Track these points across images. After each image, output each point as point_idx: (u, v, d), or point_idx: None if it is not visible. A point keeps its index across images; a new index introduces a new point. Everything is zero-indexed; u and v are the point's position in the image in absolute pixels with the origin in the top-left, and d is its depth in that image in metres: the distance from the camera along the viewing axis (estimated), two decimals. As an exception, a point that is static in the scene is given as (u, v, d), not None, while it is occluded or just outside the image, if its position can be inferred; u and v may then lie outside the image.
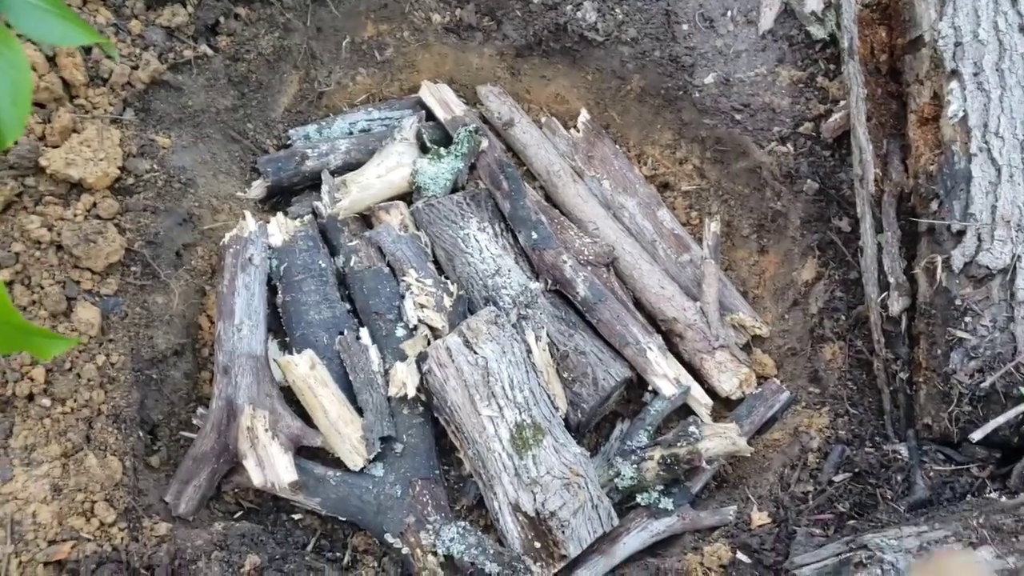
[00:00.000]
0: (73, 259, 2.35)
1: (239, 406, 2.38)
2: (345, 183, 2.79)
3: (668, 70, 2.93)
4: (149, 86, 2.62)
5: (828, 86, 2.81)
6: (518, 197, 2.76)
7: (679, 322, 2.72)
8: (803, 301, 2.73)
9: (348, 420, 2.42)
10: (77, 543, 2.11)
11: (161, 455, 2.42)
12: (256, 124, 2.94)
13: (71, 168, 2.38)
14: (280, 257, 2.64)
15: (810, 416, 2.52)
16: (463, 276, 2.71)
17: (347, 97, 3.13)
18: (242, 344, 2.45)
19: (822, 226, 2.72)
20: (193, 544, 2.20)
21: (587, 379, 2.51)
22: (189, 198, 2.63)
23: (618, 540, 2.43)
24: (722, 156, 2.93)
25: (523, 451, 2.32)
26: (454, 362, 2.40)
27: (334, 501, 2.39)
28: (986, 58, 2.44)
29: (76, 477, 2.18)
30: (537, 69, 3.13)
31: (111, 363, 2.34)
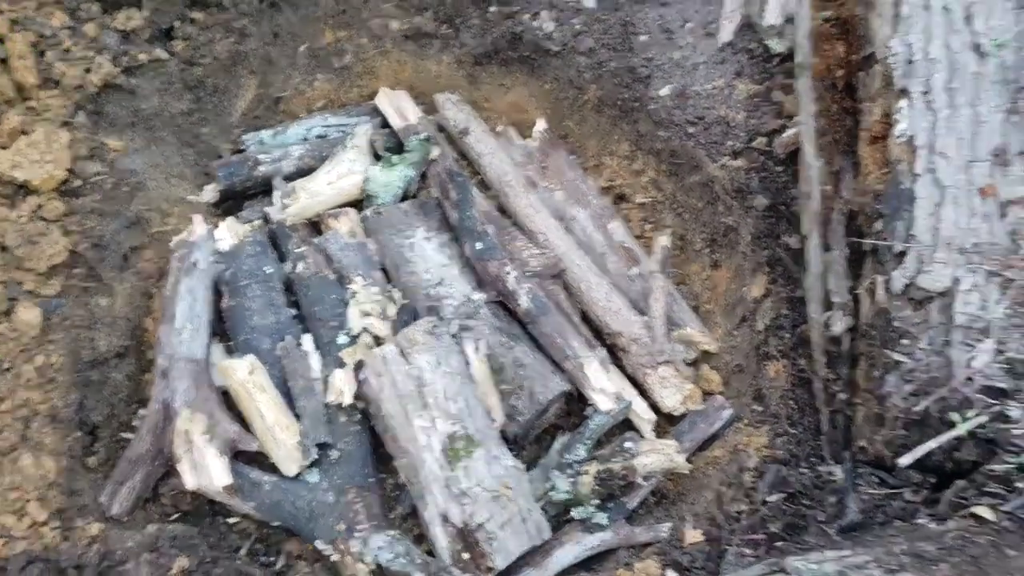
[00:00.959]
0: (16, 260, 2.38)
1: (175, 409, 2.40)
2: (295, 189, 2.80)
3: (624, 81, 2.92)
4: (102, 89, 2.65)
5: (784, 100, 2.79)
6: (465, 207, 2.76)
7: (624, 336, 2.71)
8: (751, 318, 2.71)
9: (285, 426, 2.43)
10: (8, 541, 2.14)
11: (100, 456, 2.44)
12: (212, 128, 2.96)
13: (16, 170, 2.41)
14: (227, 262, 2.66)
15: (749, 434, 2.50)
16: (408, 285, 2.71)
17: (305, 103, 3.14)
18: (182, 348, 2.47)
19: (772, 242, 2.70)
20: (124, 545, 2.22)
21: (524, 392, 2.51)
22: (138, 201, 2.65)
23: (551, 554, 2.41)
24: (676, 169, 2.92)
25: (454, 462, 2.32)
26: (390, 371, 2.41)
27: (268, 506, 2.40)
28: (936, 77, 2.41)
29: (10, 476, 2.21)
30: (495, 77, 3.13)
31: (50, 364, 2.37)
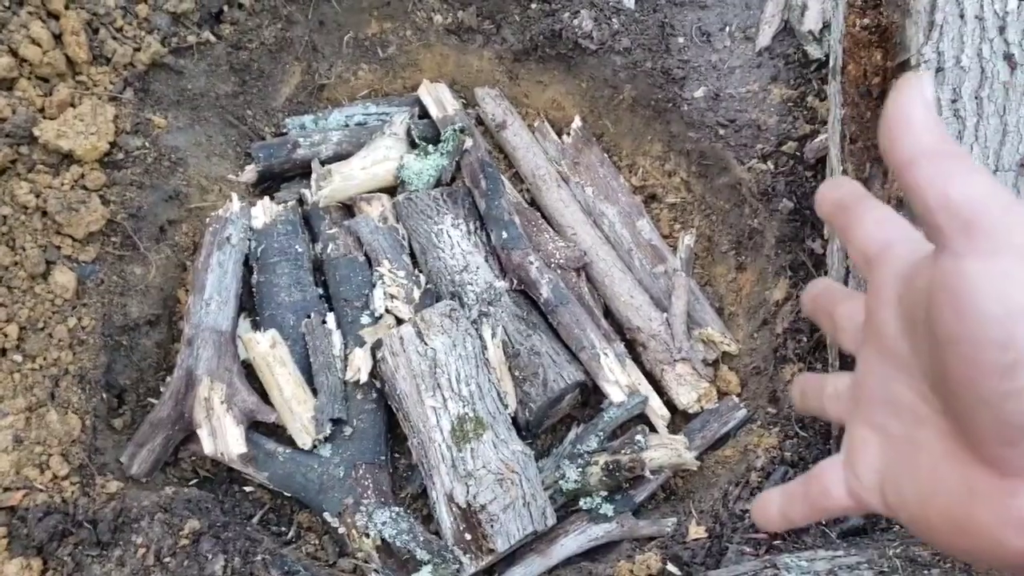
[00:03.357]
0: (56, 225, 2.48)
1: (198, 377, 2.47)
2: (330, 172, 2.87)
3: (658, 81, 2.94)
4: (150, 68, 2.75)
5: (818, 106, 2.78)
6: (494, 196, 2.80)
7: (643, 332, 2.72)
8: (772, 321, 2.70)
9: (302, 400, 2.49)
10: (29, 492, 2.23)
11: (125, 419, 2.52)
12: (256, 111, 3.05)
13: (62, 140, 2.51)
14: (259, 239, 2.74)
15: (760, 435, 2.49)
16: (433, 270, 2.76)
17: (349, 91, 3.22)
18: (208, 318, 2.55)
19: (796, 246, 2.68)
20: (139, 504, 2.29)
21: (537, 379, 2.53)
22: (178, 177, 2.75)
23: (556, 541, 2.44)
24: (706, 170, 2.92)
25: (462, 443, 2.36)
26: (405, 351, 2.45)
27: (281, 476, 2.47)
28: (965, 85, 2.38)
29: (37, 431, 2.30)
30: (534, 74, 3.17)
31: (82, 326, 2.46)
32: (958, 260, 0.48)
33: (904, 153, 0.52)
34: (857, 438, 0.64)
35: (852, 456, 0.64)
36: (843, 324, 0.68)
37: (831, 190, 0.65)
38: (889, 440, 0.60)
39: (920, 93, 0.53)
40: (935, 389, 0.55)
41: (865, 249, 0.61)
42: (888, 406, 0.60)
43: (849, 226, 0.63)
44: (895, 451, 0.60)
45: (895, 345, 0.58)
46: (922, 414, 0.57)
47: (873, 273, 0.60)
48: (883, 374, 0.60)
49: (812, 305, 0.74)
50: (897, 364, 0.58)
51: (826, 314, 0.71)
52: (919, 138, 0.52)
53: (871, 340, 0.61)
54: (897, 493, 0.59)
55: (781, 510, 0.70)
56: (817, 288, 0.74)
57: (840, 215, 0.64)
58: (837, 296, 0.71)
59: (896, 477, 0.60)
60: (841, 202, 0.64)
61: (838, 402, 0.69)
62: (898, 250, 0.59)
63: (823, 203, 0.65)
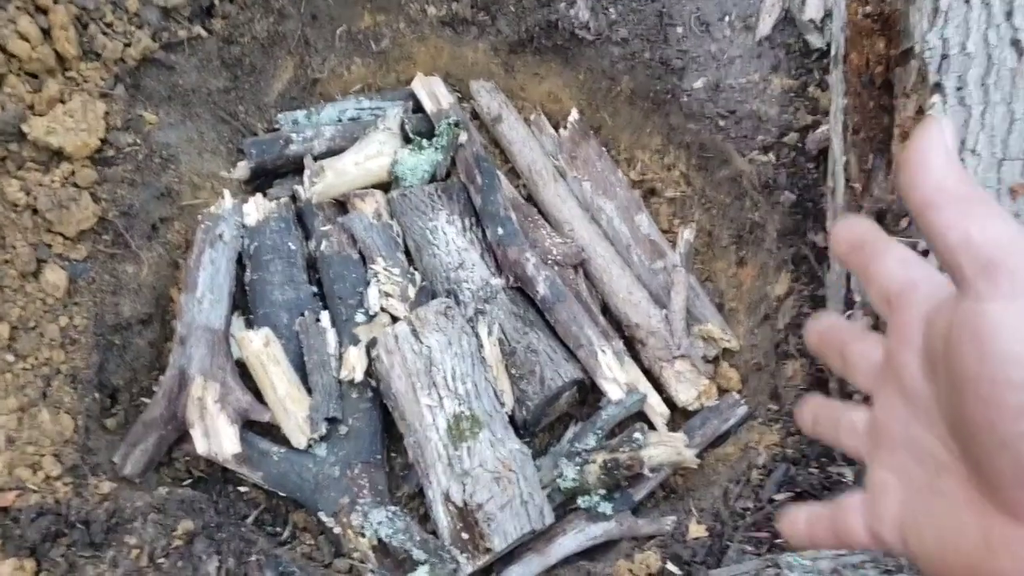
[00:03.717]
0: (46, 223, 2.45)
1: (191, 376, 2.45)
2: (323, 168, 2.84)
3: (657, 72, 2.89)
4: (141, 63, 2.71)
5: (819, 97, 2.73)
6: (489, 192, 2.76)
7: (642, 328, 2.68)
8: (773, 316, 2.66)
9: (296, 399, 2.46)
10: (22, 493, 2.20)
11: (118, 418, 2.50)
12: (248, 107, 3.01)
13: (51, 136, 2.48)
14: (252, 237, 2.71)
15: (762, 432, 2.46)
16: (428, 267, 2.72)
17: (342, 85, 3.18)
18: (201, 316, 2.52)
19: (797, 239, 2.64)
20: (133, 504, 2.27)
21: (534, 377, 2.50)
22: (170, 174, 2.71)
23: (554, 540, 2.40)
24: (706, 163, 2.88)
25: (458, 442, 2.33)
26: (400, 350, 2.42)
27: (275, 476, 2.44)
28: (971, 72, 2.33)
29: (29, 431, 2.27)
30: (530, 66, 3.13)
31: (74, 325, 2.43)
32: (979, 302, 0.48)
33: (924, 195, 0.52)
34: (878, 481, 0.63)
35: (873, 500, 0.63)
36: (857, 363, 0.67)
37: (846, 230, 0.64)
38: (911, 487, 0.60)
39: (940, 135, 0.53)
40: (954, 433, 0.54)
41: (886, 289, 0.60)
42: (909, 450, 0.60)
43: (868, 266, 0.62)
44: (916, 497, 0.59)
45: (916, 388, 0.58)
46: (943, 460, 0.56)
47: (895, 314, 0.60)
48: (904, 417, 0.60)
49: (818, 341, 0.73)
50: (918, 407, 0.58)
51: (836, 352, 0.70)
52: (940, 180, 0.52)
53: (890, 381, 0.61)
54: (918, 539, 0.59)
55: (808, 530, 0.70)
56: (823, 324, 0.73)
57: (857, 255, 0.63)
58: (847, 334, 0.70)
59: (917, 523, 0.59)
60: (858, 242, 0.63)
61: (855, 438, 0.68)
62: (921, 291, 0.58)
63: (839, 243, 0.64)
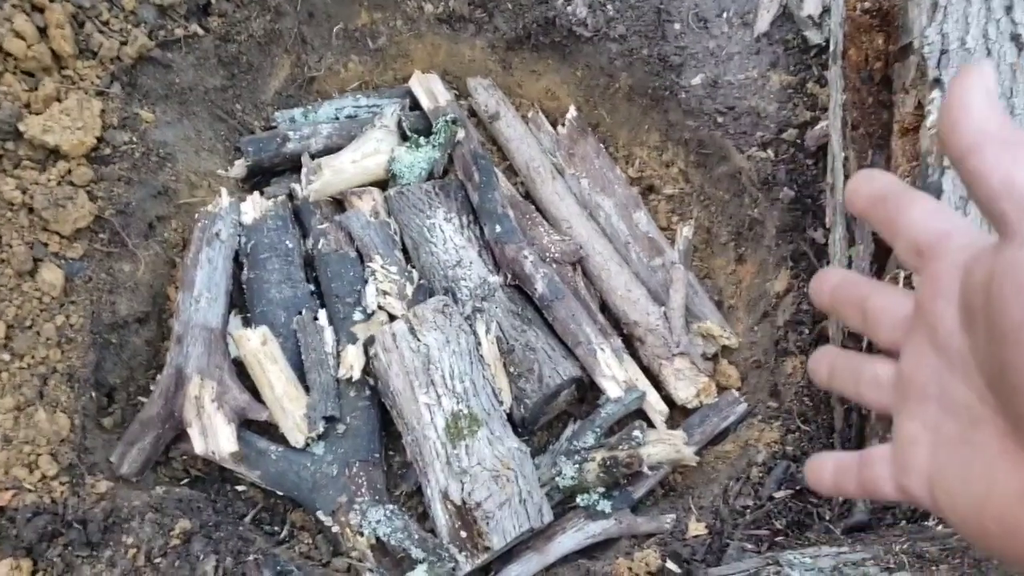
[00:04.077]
0: (42, 222, 2.44)
1: (188, 375, 2.44)
2: (320, 166, 2.83)
3: (655, 69, 2.88)
4: (137, 61, 2.70)
5: (818, 93, 2.73)
6: (487, 189, 2.75)
7: (640, 326, 2.67)
8: (773, 313, 2.65)
9: (294, 397, 2.45)
10: (18, 492, 2.19)
11: (115, 417, 2.48)
12: (245, 105, 3.00)
13: (48, 135, 2.47)
14: (249, 235, 2.70)
15: (761, 430, 2.45)
16: (426, 265, 2.71)
17: (339, 83, 3.17)
18: (198, 315, 2.51)
19: (797, 236, 2.63)
20: (130, 504, 2.26)
21: (533, 375, 2.49)
22: (167, 172, 2.70)
23: (553, 539, 2.40)
24: (704, 160, 2.87)
25: (456, 440, 2.32)
26: (398, 348, 2.41)
27: (273, 475, 2.43)
28: (970, 68, 2.32)
29: (25, 430, 2.26)
30: (528, 63, 3.12)
31: (70, 324, 2.42)
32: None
33: (965, 139, 0.51)
34: (906, 434, 0.61)
35: (901, 453, 0.62)
36: (879, 317, 0.65)
37: (865, 183, 0.63)
38: (942, 439, 0.58)
39: (981, 79, 0.52)
40: (993, 385, 0.52)
41: (916, 240, 0.59)
42: (942, 404, 0.58)
43: (895, 218, 0.60)
44: (948, 451, 0.58)
45: (951, 340, 0.56)
46: (978, 413, 0.55)
47: (928, 264, 0.58)
48: (937, 370, 0.58)
49: (830, 297, 0.70)
50: (952, 360, 0.56)
51: (853, 306, 0.67)
52: (982, 124, 0.51)
53: (921, 333, 0.59)
54: (948, 495, 0.57)
55: (834, 479, 0.68)
56: (834, 278, 0.70)
57: (880, 208, 0.61)
58: (865, 287, 0.67)
59: (948, 478, 0.57)
60: (880, 194, 0.61)
61: (879, 391, 0.66)
62: (955, 240, 0.57)
63: (857, 197, 0.63)
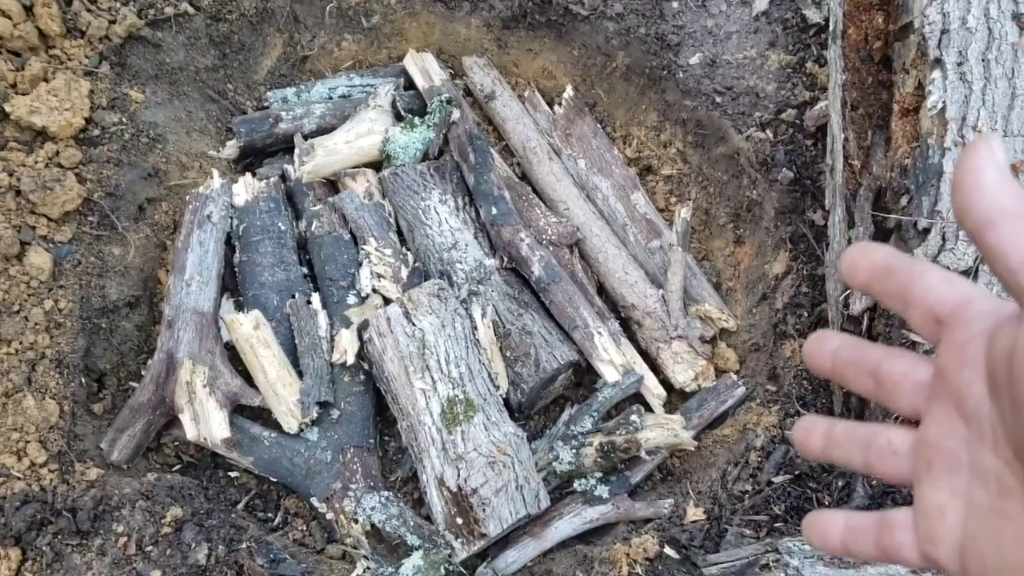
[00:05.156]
0: (30, 204, 2.40)
1: (179, 360, 2.40)
2: (313, 147, 2.78)
3: (653, 48, 2.83)
4: (126, 41, 2.66)
5: (817, 72, 2.69)
6: (483, 170, 2.71)
7: (638, 309, 2.64)
8: (771, 295, 2.62)
9: (287, 382, 2.42)
10: (6, 480, 2.16)
11: (105, 403, 2.45)
12: (237, 85, 2.95)
13: (35, 116, 2.43)
14: (241, 217, 2.66)
15: (760, 414, 2.42)
16: (421, 248, 2.68)
17: (332, 63, 3.12)
18: (189, 299, 2.47)
19: (796, 218, 2.60)
20: (120, 491, 2.23)
21: (529, 359, 2.46)
22: (157, 153, 2.66)
23: (550, 524, 2.37)
24: (703, 140, 2.83)
25: (452, 426, 2.29)
26: (393, 332, 2.38)
27: (266, 461, 2.40)
28: (972, 47, 2.29)
29: (13, 417, 2.23)
30: (524, 42, 3.07)
31: (59, 309, 2.38)
32: None
33: (980, 216, 0.51)
34: (932, 503, 0.60)
35: (927, 521, 0.60)
36: (897, 383, 0.63)
37: (862, 257, 0.61)
38: (972, 509, 0.57)
39: (990, 153, 0.52)
40: (1020, 456, 0.52)
41: (934, 309, 0.58)
42: (971, 473, 0.57)
43: (907, 289, 0.59)
44: (979, 521, 0.56)
45: (979, 408, 0.55)
46: (1008, 483, 0.54)
47: (949, 333, 0.57)
48: (964, 438, 0.57)
49: (833, 362, 0.67)
50: (982, 429, 0.56)
51: (863, 373, 0.65)
52: (996, 199, 0.51)
53: (946, 402, 0.58)
54: (979, 563, 0.56)
55: (844, 541, 0.67)
56: (832, 342, 0.67)
57: (887, 280, 0.60)
58: (872, 351, 0.65)
59: (979, 548, 0.56)
60: (883, 266, 0.60)
61: (894, 459, 0.64)
62: (976, 307, 0.56)
63: (856, 271, 0.61)
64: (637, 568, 2.17)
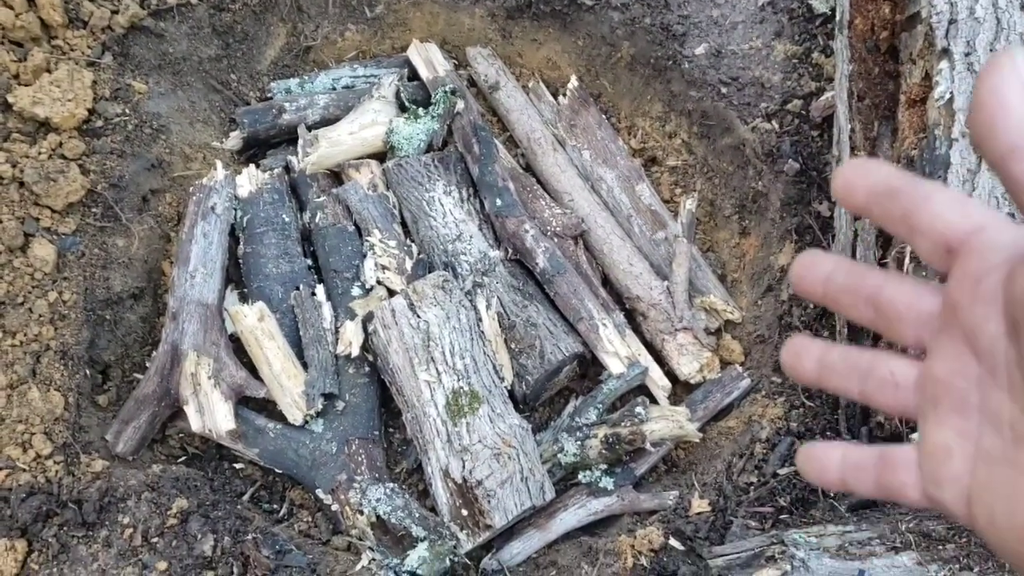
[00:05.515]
0: (33, 196, 2.40)
1: (184, 351, 2.40)
2: (317, 138, 2.77)
3: (658, 38, 2.82)
4: (129, 31, 2.65)
5: (823, 63, 2.67)
6: (487, 161, 2.70)
7: (643, 300, 2.64)
8: (777, 287, 2.62)
9: (292, 374, 2.42)
10: (12, 472, 2.16)
11: (110, 395, 2.45)
12: (240, 75, 2.94)
13: (38, 107, 2.42)
14: (245, 208, 2.65)
15: (765, 406, 2.42)
16: (426, 239, 2.67)
17: (336, 53, 3.11)
18: (193, 291, 2.47)
19: (802, 209, 2.59)
20: (126, 483, 2.23)
21: (534, 351, 2.46)
22: (160, 144, 2.65)
23: (555, 516, 2.38)
24: (708, 131, 2.82)
25: (457, 418, 2.29)
26: (397, 324, 2.38)
27: (271, 453, 2.40)
28: (980, 37, 2.27)
29: (18, 409, 2.23)
30: (528, 32, 3.06)
31: (63, 300, 2.38)
32: None
33: (1006, 141, 0.46)
34: (938, 442, 0.55)
35: (932, 462, 0.55)
36: (900, 312, 0.57)
37: (859, 176, 0.55)
38: (981, 453, 0.52)
39: (1014, 71, 0.46)
40: None
41: (945, 236, 0.52)
42: (983, 416, 0.52)
43: (910, 213, 0.53)
44: (989, 468, 0.52)
45: (993, 347, 0.50)
46: (1023, 430, 0.49)
47: (962, 264, 0.52)
48: (976, 378, 0.52)
49: (825, 287, 0.60)
50: (996, 369, 0.51)
51: (859, 298, 0.59)
52: (1021, 124, 0.45)
53: (958, 337, 0.53)
54: (988, 513, 0.52)
55: (843, 476, 0.61)
56: (825, 265, 0.60)
57: (888, 203, 0.54)
58: (872, 277, 0.59)
59: (987, 496, 0.52)
60: (884, 188, 0.54)
61: (895, 392, 0.59)
62: (991, 235, 0.50)
63: (853, 192, 0.55)
64: (642, 560, 2.17)
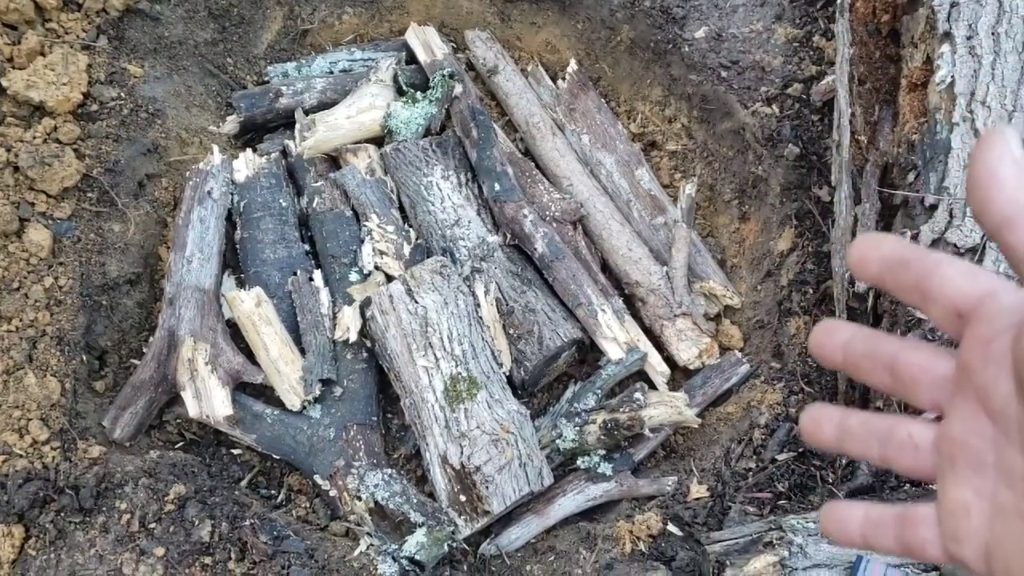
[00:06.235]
0: (28, 181, 2.38)
1: (181, 337, 2.39)
2: (314, 122, 2.76)
3: (658, 21, 2.80)
4: (124, 14, 2.63)
5: (824, 46, 2.65)
6: (486, 146, 2.69)
7: (642, 286, 2.63)
8: (776, 272, 2.61)
9: (289, 360, 2.41)
10: (8, 458, 2.16)
11: (107, 381, 2.44)
12: (236, 59, 2.92)
13: (32, 91, 2.40)
14: (241, 193, 2.64)
15: (764, 391, 2.41)
16: (424, 224, 2.66)
17: (333, 36, 3.09)
18: (190, 276, 2.45)
19: (802, 194, 2.58)
20: (123, 469, 2.23)
21: (532, 337, 2.45)
22: (156, 128, 2.63)
23: (553, 501, 2.37)
24: (708, 115, 2.80)
25: (455, 404, 2.28)
26: (395, 310, 2.37)
27: (269, 439, 2.39)
28: (982, 20, 2.25)
29: (14, 395, 2.22)
30: (527, 15, 3.03)
31: (59, 286, 2.37)
32: None
33: (999, 214, 0.50)
34: (956, 502, 0.57)
35: (951, 520, 0.57)
36: (917, 377, 0.59)
37: (872, 249, 0.58)
38: (998, 510, 0.54)
39: (1006, 146, 0.50)
40: None
41: (955, 302, 0.54)
42: (997, 473, 0.54)
43: (924, 283, 0.55)
44: (1004, 522, 0.54)
45: (1005, 408, 0.52)
46: None
47: (973, 328, 0.54)
48: (991, 437, 0.54)
49: (845, 355, 0.63)
50: (1008, 428, 0.53)
51: (877, 365, 0.61)
52: (1014, 196, 0.49)
53: (972, 399, 0.55)
54: (1005, 567, 0.54)
55: (864, 533, 0.63)
56: (843, 333, 0.63)
57: (900, 274, 0.56)
58: (888, 343, 0.61)
59: (1004, 550, 0.54)
60: (895, 259, 0.56)
61: (915, 454, 0.61)
62: (1000, 300, 0.53)
63: (867, 265, 0.58)
64: (640, 545, 2.17)
